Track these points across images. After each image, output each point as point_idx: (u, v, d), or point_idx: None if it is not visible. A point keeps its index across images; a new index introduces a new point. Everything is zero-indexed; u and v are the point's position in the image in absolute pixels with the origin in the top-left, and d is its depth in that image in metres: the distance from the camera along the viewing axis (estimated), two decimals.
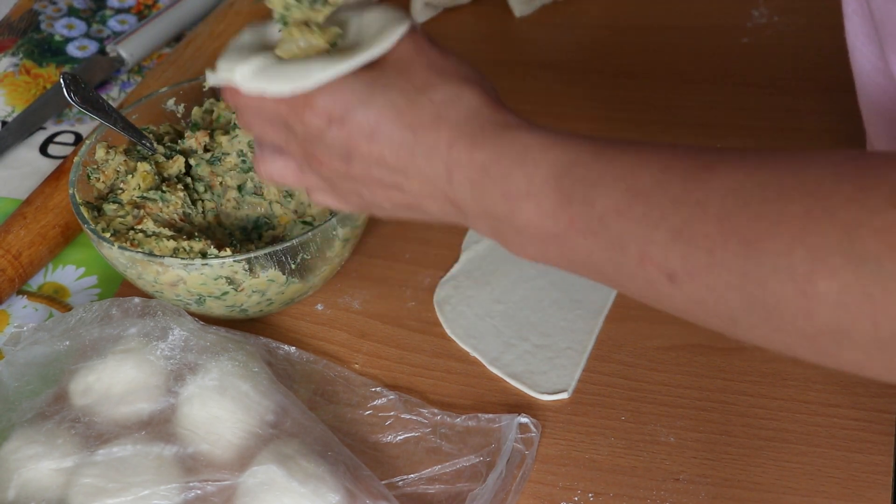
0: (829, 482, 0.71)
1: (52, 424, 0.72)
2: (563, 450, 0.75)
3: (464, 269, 0.87)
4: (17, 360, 0.77)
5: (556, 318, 0.83)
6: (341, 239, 0.81)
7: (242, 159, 0.86)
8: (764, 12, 1.07)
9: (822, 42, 1.03)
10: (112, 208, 0.82)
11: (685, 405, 0.77)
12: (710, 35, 1.05)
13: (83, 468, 0.70)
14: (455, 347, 0.82)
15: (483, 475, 0.72)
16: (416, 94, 0.59)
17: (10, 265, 0.88)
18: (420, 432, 0.76)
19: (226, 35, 1.07)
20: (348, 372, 0.80)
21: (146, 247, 0.79)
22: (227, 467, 0.70)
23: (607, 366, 0.80)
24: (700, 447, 0.74)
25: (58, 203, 0.92)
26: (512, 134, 0.58)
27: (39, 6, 1.18)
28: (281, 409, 0.73)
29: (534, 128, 0.58)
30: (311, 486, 0.68)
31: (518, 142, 0.57)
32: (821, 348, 0.50)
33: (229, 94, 0.63)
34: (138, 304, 0.78)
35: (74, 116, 1.06)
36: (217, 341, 0.76)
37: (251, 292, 0.79)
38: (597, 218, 0.54)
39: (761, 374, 0.78)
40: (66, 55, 1.12)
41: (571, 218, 0.55)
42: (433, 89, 0.59)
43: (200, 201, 0.85)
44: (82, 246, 0.94)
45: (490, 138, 0.58)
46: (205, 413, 0.72)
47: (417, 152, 0.59)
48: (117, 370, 0.74)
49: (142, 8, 1.18)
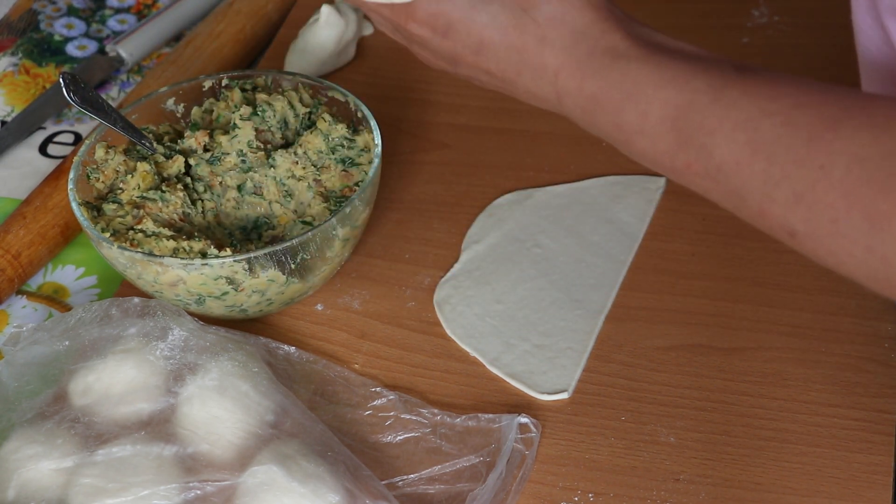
0: (829, 482, 0.71)
1: (52, 424, 0.72)
2: (563, 450, 0.75)
3: (464, 269, 0.87)
4: (16, 360, 0.77)
5: (556, 318, 0.83)
6: (341, 239, 0.80)
7: (242, 159, 0.86)
8: (764, 12, 1.07)
9: (822, 42, 1.02)
10: (112, 208, 0.82)
11: (685, 405, 0.77)
12: (710, 35, 1.05)
13: (83, 468, 0.70)
14: (455, 347, 0.82)
15: (483, 475, 0.72)
16: (519, 12, 0.58)
17: (9, 265, 0.88)
18: (420, 432, 0.76)
19: (225, 35, 1.07)
20: (348, 372, 0.80)
21: (146, 247, 0.79)
22: (227, 467, 0.70)
23: (607, 366, 0.80)
24: (700, 447, 0.74)
25: (57, 203, 0.92)
26: (622, 66, 0.56)
27: (39, 6, 1.18)
28: (281, 409, 0.73)
29: (644, 57, 0.56)
30: (311, 486, 0.68)
31: (629, 76, 0.56)
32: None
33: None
34: (138, 304, 0.78)
35: (74, 116, 1.06)
36: (217, 341, 0.76)
37: (251, 292, 0.79)
38: (715, 167, 0.53)
39: (761, 375, 0.78)
40: (66, 55, 1.12)
41: (688, 162, 0.54)
42: (536, 8, 0.58)
43: (200, 201, 0.85)
44: (82, 246, 0.94)
45: (599, 69, 0.56)
46: (205, 413, 0.72)
47: (524, 73, 0.58)
48: (117, 370, 0.74)
49: (141, 8, 1.18)
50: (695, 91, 0.54)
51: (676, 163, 0.55)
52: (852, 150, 0.49)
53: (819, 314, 0.81)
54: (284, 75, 0.90)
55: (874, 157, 0.49)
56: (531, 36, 0.58)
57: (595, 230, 0.89)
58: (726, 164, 0.53)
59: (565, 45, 0.57)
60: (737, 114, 0.53)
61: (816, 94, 0.52)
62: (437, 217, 0.92)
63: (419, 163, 0.96)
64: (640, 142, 0.56)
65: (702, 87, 0.54)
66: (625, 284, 0.85)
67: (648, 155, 0.56)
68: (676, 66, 0.55)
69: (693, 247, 0.87)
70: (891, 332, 0.79)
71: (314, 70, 1.02)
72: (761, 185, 0.52)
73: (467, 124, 0.99)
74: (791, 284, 0.83)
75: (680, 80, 0.55)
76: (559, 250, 0.88)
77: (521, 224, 0.90)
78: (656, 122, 0.55)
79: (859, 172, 0.49)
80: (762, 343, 0.80)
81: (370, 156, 0.84)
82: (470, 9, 0.58)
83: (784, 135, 0.51)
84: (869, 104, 0.51)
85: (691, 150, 0.54)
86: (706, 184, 0.55)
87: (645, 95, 0.55)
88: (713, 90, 0.54)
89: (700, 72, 0.55)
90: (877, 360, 0.78)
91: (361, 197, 0.80)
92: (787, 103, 0.52)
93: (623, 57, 0.56)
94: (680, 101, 0.54)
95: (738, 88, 0.53)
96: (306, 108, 0.88)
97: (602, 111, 0.57)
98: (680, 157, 0.55)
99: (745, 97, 0.53)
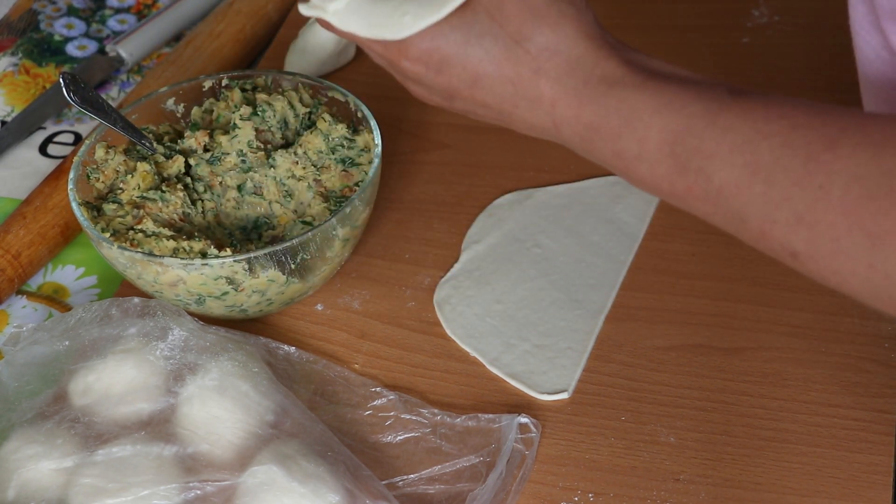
0: (829, 482, 0.71)
1: (52, 424, 0.72)
2: (563, 450, 0.75)
3: (464, 269, 0.87)
4: (16, 360, 0.77)
5: (556, 318, 0.83)
6: (341, 239, 0.80)
7: (242, 159, 0.86)
8: (764, 12, 1.07)
9: (822, 42, 1.02)
10: (112, 208, 0.82)
11: (685, 405, 0.77)
12: (710, 35, 1.05)
13: (83, 468, 0.70)
14: (455, 347, 0.82)
15: (483, 475, 0.72)
16: (512, 44, 0.58)
17: (9, 265, 0.88)
18: (420, 432, 0.76)
19: (225, 34, 1.07)
20: (348, 372, 0.80)
21: (146, 247, 0.79)
22: (227, 467, 0.70)
23: (607, 366, 0.80)
24: (700, 447, 0.74)
25: (57, 203, 0.92)
26: (618, 93, 0.56)
27: (39, 6, 1.18)
28: (281, 409, 0.73)
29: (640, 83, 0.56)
30: (311, 486, 0.68)
31: (625, 103, 0.56)
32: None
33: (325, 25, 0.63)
34: (138, 304, 0.78)
35: (74, 116, 1.06)
36: (217, 341, 0.76)
37: (251, 292, 0.79)
38: (714, 190, 0.53)
39: (762, 375, 0.78)
40: (66, 55, 1.12)
41: (688, 186, 0.54)
42: (528, 40, 0.58)
43: (200, 201, 0.85)
44: (82, 246, 0.94)
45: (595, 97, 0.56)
46: (205, 413, 0.72)
47: (520, 105, 0.58)
48: (117, 370, 0.74)
49: (141, 7, 1.18)
50: (691, 115, 0.54)
51: (676, 188, 0.55)
52: (851, 168, 0.49)
53: (819, 314, 0.81)
54: (284, 75, 0.90)
55: (873, 175, 0.49)
56: (526, 67, 0.58)
57: (595, 230, 0.89)
58: (726, 187, 0.53)
59: (560, 75, 0.57)
60: (734, 137, 0.53)
61: (812, 114, 0.52)
62: (437, 217, 0.92)
63: (419, 163, 0.96)
64: (640, 168, 0.56)
65: (698, 111, 0.54)
66: (625, 284, 0.85)
67: (648, 181, 0.57)
68: (672, 92, 0.56)
69: (693, 247, 0.87)
70: (891, 332, 0.79)
71: (314, 70, 1.02)
72: (761, 206, 0.52)
73: (467, 124, 0.99)
74: (791, 284, 0.83)
75: (676, 104, 0.55)
76: (559, 250, 0.88)
77: (521, 224, 0.90)
78: (654, 147, 0.55)
79: (859, 191, 0.49)
80: (762, 343, 0.80)
81: (370, 156, 0.84)
82: (464, 44, 0.59)
83: (782, 156, 0.51)
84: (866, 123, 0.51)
85: (690, 174, 0.54)
86: (707, 207, 0.55)
87: (642, 122, 0.55)
88: (709, 114, 0.54)
89: (695, 96, 0.55)
90: (877, 360, 0.78)
91: (361, 197, 0.80)
92: (783, 124, 0.52)
93: (619, 84, 0.56)
94: (677, 125, 0.54)
95: (734, 112, 0.53)
96: (306, 108, 0.88)
97: (600, 139, 0.57)
98: (679, 182, 0.55)
99: (742, 120, 0.53)
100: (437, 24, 0.59)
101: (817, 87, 0.99)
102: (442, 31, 0.59)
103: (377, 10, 0.60)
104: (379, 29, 0.59)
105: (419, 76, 0.61)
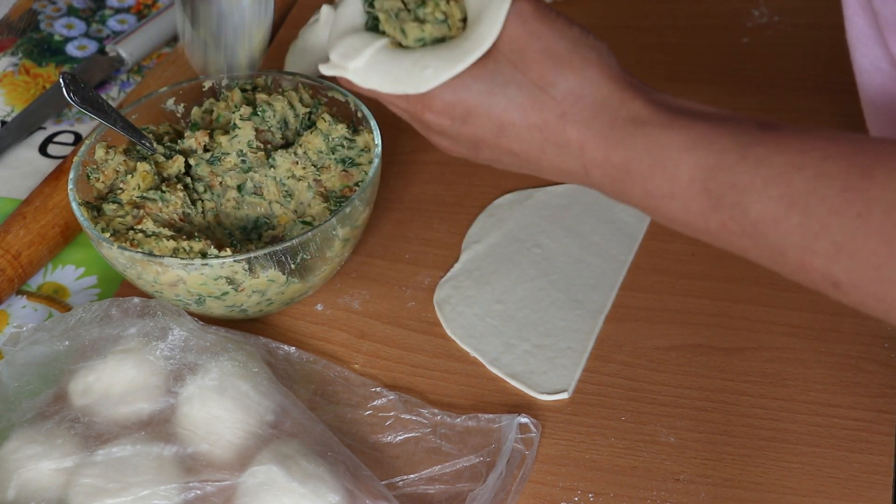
0: (829, 482, 0.71)
1: (52, 424, 0.72)
2: (563, 450, 0.75)
3: (464, 269, 0.87)
4: (16, 360, 0.77)
5: (556, 318, 0.83)
6: (341, 239, 0.80)
7: (242, 159, 0.86)
8: (764, 12, 1.07)
9: (822, 42, 1.02)
10: (112, 208, 0.82)
11: (685, 405, 0.77)
12: (710, 35, 1.05)
13: (83, 468, 0.70)
14: (455, 347, 0.82)
15: (483, 475, 0.72)
16: (537, 91, 0.58)
17: (9, 265, 0.88)
18: (420, 432, 0.76)
19: None
20: (348, 372, 0.80)
21: (146, 247, 0.79)
22: (227, 467, 0.70)
23: (607, 366, 0.80)
24: (700, 447, 0.74)
25: (57, 203, 0.92)
26: (646, 132, 0.56)
27: (39, 6, 1.18)
28: (281, 409, 0.73)
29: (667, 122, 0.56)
30: (311, 486, 0.68)
31: (654, 142, 0.55)
32: None
33: (346, 84, 0.63)
34: (138, 304, 0.78)
35: (74, 116, 1.06)
36: (217, 341, 0.76)
37: (251, 292, 0.79)
38: (751, 224, 0.53)
39: (762, 375, 0.78)
40: (66, 55, 1.12)
41: (723, 222, 0.54)
42: (553, 86, 0.58)
43: (200, 201, 0.85)
44: (82, 246, 0.94)
45: (623, 138, 0.56)
46: (204, 413, 0.72)
47: (548, 150, 0.58)
48: (117, 370, 0.74)
49: (141, 8, 1.18)
50: (722, 151, 0.54)
51: (710, 224, 0.55)
52: (889, 195, 0.49)
53: (819, 314, 0.81)
54: (284, 75, 0.90)
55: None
56: (551, 113, 0.58)
57: (595, 230, 0.89)
58: (762, 220, 0.52)
59: (587, 119, 0.57)
60: (767, 170, 0.52)
61: (844, 144, 0.52)
62: (437, 217, 0.92)
63: (419, 163, 0.96)
64: (672, 206, 0.56)
65: (728, 146, 0.54)
66: (625, 284, 0.85)
67: (681, 219, 0.56)
68: (700, 128, 0.55)
69: (693, 247, 0.87)
70: (891, 332, 0.79)
71: (314, 70, 1.02)
72: (800, 238, 0.51)
73: None
74: (791, 284, 0.82)
75: (705, 141, 0.54)
76: (559, 250, 0.88)
77: (521, 224, 0.90)
78: (686, 184, 0.55)
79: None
80: (762, 343, 0.80)
81: (370, 156, 0.84)
82: (487, 94, 0.58)
83: (818, 186, 0.51)
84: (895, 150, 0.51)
85: (724, 209, 0.54)
86: (743, 242, 0.54)
87: (672, 160, 0.55)
88: (740, 148, 0.53)
89: (725, 132, 0.54)
90: (877, 360, 0.78)
91: (361, 197, 0.80)
92: (816, 156, 0.52)
93: (646, 124, 0.56)
94: (708, 161, 0.54)
95: (765, 145, 0.53)
96: (306, 109, 0.88)
97: (630, 179, 0.56)
98: (714, 218, 0.54)
99: (774, 153, 0.53)
100: (460, 76, 0.59)
101: (817, 87, 0.99)
102: (465, 83, 0.58)
103: (397, 66, 0.60)
104: (400, 84, 0.60)
105: (444, 128, 0.60)
